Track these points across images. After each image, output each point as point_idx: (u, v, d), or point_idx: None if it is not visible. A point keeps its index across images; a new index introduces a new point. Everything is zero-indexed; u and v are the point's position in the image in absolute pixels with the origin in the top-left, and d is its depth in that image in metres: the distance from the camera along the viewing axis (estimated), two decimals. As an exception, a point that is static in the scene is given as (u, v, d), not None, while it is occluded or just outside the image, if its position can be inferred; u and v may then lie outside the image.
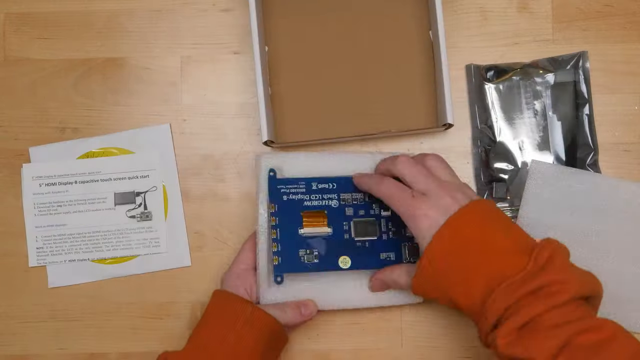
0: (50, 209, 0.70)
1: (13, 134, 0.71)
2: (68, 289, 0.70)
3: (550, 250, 0.52)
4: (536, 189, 0.67)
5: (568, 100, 0.69)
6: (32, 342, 0.69)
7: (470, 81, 0.70)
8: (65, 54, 0.71)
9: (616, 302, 0.67)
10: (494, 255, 0.53)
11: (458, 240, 0.54)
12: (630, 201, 0.67)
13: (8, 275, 0.70)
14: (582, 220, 0.67)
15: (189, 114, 0.71)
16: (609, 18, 0.70)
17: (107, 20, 0.72)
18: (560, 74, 0.69)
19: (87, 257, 0.70)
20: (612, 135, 0.69)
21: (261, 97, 0.64)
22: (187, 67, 0.71)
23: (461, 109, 0.70)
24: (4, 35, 0.72)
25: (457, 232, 0.54)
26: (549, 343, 0.48)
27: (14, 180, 0.71)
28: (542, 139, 0.68)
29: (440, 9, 0.64)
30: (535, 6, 0.70)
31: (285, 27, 0.70)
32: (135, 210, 0.70)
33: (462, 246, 0.54)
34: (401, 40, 0.69)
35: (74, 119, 0.71)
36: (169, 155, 0.70)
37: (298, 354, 0.68)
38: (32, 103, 0.71)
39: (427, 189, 0.56)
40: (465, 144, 0.70)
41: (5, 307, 0.70)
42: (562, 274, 0.51)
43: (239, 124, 0.70)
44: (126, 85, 0.71)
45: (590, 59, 0.69)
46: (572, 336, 0.48)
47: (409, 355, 0.68)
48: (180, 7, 0.71)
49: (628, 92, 0.69)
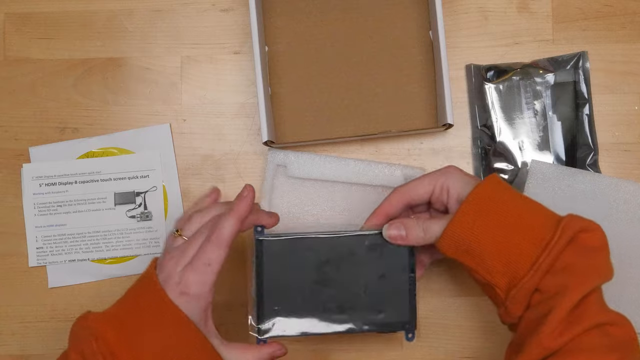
0: (50, 209, 0.70)
1: (13, 134, 0.71)
2: (68, 289, 0.70)
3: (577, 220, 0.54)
4: (536, 188, 0.67)
5: (568, 100, 0.69)
6: (32, 342, 0.69)
7: (470, 81, 0.70)
8: (65, 54, 0.72)
9: (617, 302, 0.67)
10: (533, 217, 0.54)
11: (500, 193, 0.55)
12: (630, 201, 0.67)
13: (8, 275, 0.70)
14: (582, 220, 0.67)
15: (189, 114, 0.71)
16: (609, 18, 0.70)
17: (107, 20, 0.72)
18: (560, 74, 0.69)
19: (87, 257, 0.70)
20: (612, 135, 0.69)
21: (261, 97, 0.64)
22: (187, 67, 0.71)
23: (461, 109, 0.70)
24: (4, 35, 0.72)
25: (498, 186, 0.55)
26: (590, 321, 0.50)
27: (14, 180, 0.71)
28: (542, 139, 0.68)
29: (441, 10, 0.65)
30: (535, 6, 0.70)
31: (285, 27, 0.70)
32: (135, 210, 0.70)
33: (503, 200, 0.55)
34: (401, 40, 0.69)
35: (74, 119, 0.71)
36: (169, 155, 0.70)
37: (298, 354, 0.68)
38: (32, 103, 0.71)
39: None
40: (465, 144, 0.70)
41: (5, 307, 0.70)
42: (590, 222, 0.54)
43: (239, 124, 0.70)
44: (126, 85, 0.71)
45: (590, 59, 0.69)
46: (604, 324, 0.51)
47: (409, 356, 0.68)
48: (180, 7, 0.71)
49: (628, 92, 0.69)
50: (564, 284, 0.51)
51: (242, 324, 0.67)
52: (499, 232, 0.53)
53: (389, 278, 0.59)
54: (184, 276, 0.53)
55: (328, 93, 0.69)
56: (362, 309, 0.59)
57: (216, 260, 0.54)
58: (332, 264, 0.59)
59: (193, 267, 0.54)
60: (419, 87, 0.69)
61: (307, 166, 0.68)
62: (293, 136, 0.69)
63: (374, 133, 0.68)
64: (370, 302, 0.59)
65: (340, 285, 0.59)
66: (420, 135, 0.70)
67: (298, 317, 0.59)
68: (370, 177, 0.68)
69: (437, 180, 0.58)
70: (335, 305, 0.59)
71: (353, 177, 0.68)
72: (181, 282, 0.53)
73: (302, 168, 0.68)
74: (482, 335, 0.67)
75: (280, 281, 0.59)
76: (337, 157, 0.68)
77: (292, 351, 0.68)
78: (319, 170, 0.68)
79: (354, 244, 0.59)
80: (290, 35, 0.70)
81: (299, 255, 0.59)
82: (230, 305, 0.68)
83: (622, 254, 0.67)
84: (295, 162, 0.68)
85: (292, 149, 0.69)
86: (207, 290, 0.54)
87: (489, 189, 0.55)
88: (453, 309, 0.68)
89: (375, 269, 0.59)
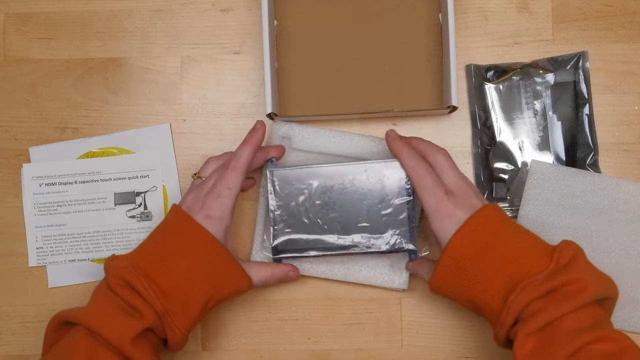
0: (50, 209, 0.70)
1: (13, 134, 0.71)
2: (68, 289, 0.70)
3: (572, 251, 0.54)
4: (536, 188, 0.67)
5: (568, 100, 0.69)
6: (32, 342, 0.69)
7: (470, 81, 0.70)
8: (65, 54, 0.72)
9: (618, 301, 0.67)
10: (516, 255, 0.55)
11: (480, 239, 0.56)
12: (630, 201, 0.67)
13: (8, 275, 0.70)
14: (582, 220, 0.67)
15: (189, 114, 0.71)
16: (608, 18, 0.70)
17: (107, 20, 0.72)
18: (560, 74, 0.69)
19: (87, 257, 0.70)
20: (612, 135, 0.69)
21: (267, 69, 0.65)
22: (187, 67, 0.71)
23: (461, 109, 0.70)
24: (4, 35, 0.72)
25: (481, 230, 0.56)
26: (565, 348, 0.50)
27: (14, 180, 0.71)
28: (542, 139, 0.68)
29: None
30: (535, 6, 0.70)
31: (295, 3, 0.70)
32: (135, 210, 0.70)
33: (484, 244, 0.55)
34: (410, 22, 0.70)
35: (74, 119, 0.71)
36: (169, 155, 0.70)
37: (298, 354, 0.68)
38: (32, 103, 0.71)
39: (456, 188, 0.58)
40: (465, 144, 0.70)
41: (5, 307, 0.70)
42: (583, 274, 0.53)
43: (239, 124, 0.70)
44: (126, 85, 0.71)
45: (590, 59, 0.69)
46: (588, 344, 0.50)
47: (409, 356, 0.68)
48: (180, 7, 0.71)
49: (628, 92, 0.69)
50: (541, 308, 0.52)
51: (239, 324, 0.67)
52: (474, 287, 0.56)
53: (389, 203, 0.64)
54: (207, 202, 0.60)
55: (335, 70, 0.70)
56: (365, 231, 0.64)
57: (235, 183, 0.60)
58: (335, 190, 0.64)
59: (214, 193, 0.60)
60: (425, 69, 0.69)
61: (311, 139, 0.68)
62: (297, 110, 0.69)
63: (377, 111, 0.68)
64: (372, 225, 0.64)
65: (344, 209, 0.64)
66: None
67: (307, 237, 0.64)
68: (373, 153, 0.68)
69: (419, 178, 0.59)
70: (340, 227, 0.64)
71: (356, 152, 0.68)
72: (204, 207, 0.59)
73: (306, 141, 0.68)
74: (482, 335, 0.67)
75: (291, 206, 0.65)
76: (342, 131, 0.69)
77: (292, 351, 0.68)
78: (323, 144, 0.68)
79: (355, 171, 0.64)
80: (300, 10, 0.70)
81: (306, 183, 0.65)
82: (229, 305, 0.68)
83: (622, 254, 0.67)
84: (299, 135, 0.68)
85: (304, 122, 0.69)
86: (228, 212, 0.60)
87: (467, 242, 0.56)
88: (453, 309, 0.68)
89: (377, 195, 0.64)
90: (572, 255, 0.54)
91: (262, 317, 0.69)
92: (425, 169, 0.59)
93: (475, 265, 0.55)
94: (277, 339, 0.68)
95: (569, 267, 0.53)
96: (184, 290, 0.57)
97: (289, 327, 0.68)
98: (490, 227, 0.56)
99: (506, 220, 0.58)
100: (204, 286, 0.58)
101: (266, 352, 0.68)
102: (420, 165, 0.60)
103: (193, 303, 0.58)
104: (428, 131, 0.69)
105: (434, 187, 0.58)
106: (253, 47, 0.71)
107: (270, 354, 0.68)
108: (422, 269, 0.63)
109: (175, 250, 0.59)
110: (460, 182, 0.59)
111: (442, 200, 0.57)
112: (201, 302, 0.58)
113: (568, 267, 0.53)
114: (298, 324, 0.68)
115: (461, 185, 0.59)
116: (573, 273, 0.53)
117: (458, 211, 0.57)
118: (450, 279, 0.57)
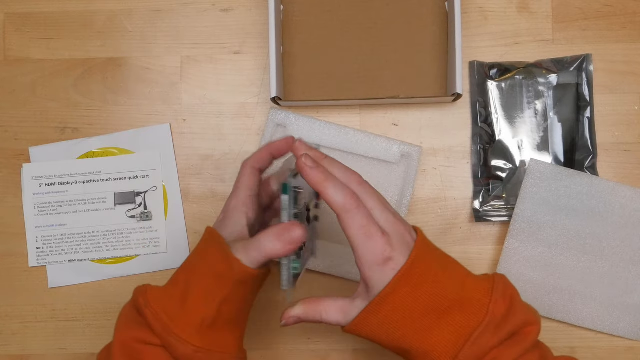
0: (50, 209, 0.70)
1: (13, 134, 0.71)
2: (68, 289, 0.70)
3: (509, 288, 0.52)
4: (533, 187, 0.67)
5: (570, 102, 0.69)
6: (32, 342, 0.70)
7: (473, 78, 0.69)
8: (65, 54, 0.72)
9: (607, 306, 0.67)
10: (456, 301, 0.51)
11: (418, 287, 0.51)
12: (626, 206, 0.67)
13: (8, 275, 0.70)
14: (577, 222, 0.67)
15: (189, 114, 0.71)
16: (609, 18, 0.70)
17: (107, 20, 0.72)
18: (563, 75, 0.69)
19: (87, 257, 0.70)
20: (612, 136, 0.69)
21: (272, 54, 0.65)
22: (187, 67, 0.71)
23: (462, 108, 0.70)
24: (4, 35, 0.72)
25: (420, 273, 0.51)
26: None
27: (14, 180, 0.71)
28: (542, 139, 0.68)
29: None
30: (535, 6, 0.70)
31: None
32: (135, 210, 0.70)
33: (421, 294, 0.51)
34: (417, 10, 0.70)
35: (74, 119, 0.71)
36: (169, 155, 0.70)
37: (298, 354, 0.68)
38: (32, 103, 0.71)
39: (390, 226, 0.52)
40: (465, 144, 0.70)
41: (6, 307, 0.70)
42: (526, 315, 0.52)
43: (239, 124, 0.71)
44: (126, 85, 0.71)
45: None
46: None
47: (408, 355, 0.68)
48: (180, 7, 0.71)
49: (628, 92, 0.69)
50: None
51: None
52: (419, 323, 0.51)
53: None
54: (225, 206, 0.58)
55: (340, 56, 0.70)
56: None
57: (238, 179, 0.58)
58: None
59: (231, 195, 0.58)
60: (431, 57, 0.69)
61: (306, 129, 0.68)
62: (301, 95, 0.69)
63: (382, 97, 0.68)
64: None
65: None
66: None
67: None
68: (367, 148, 0.68)
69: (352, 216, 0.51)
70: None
71: (350, 147, 0.68)
72: (223, 211, 0.58)
73: (301, 130, 0.68)
74: (482, 335, 0.67)
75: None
76: (338, 125, 0.69)
77: (292, 351, 0.68)
78: (318, 136, 0.68)
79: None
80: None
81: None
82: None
83: (615, 258, 0.67)
84: (295, 124, 0.68)
85: (298, 108, 0.69)
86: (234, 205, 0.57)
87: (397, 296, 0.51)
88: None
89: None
90: (510, 293, 0.52)
91: (262, 317, 0.69)
92: (357, 206, 0.51)
93: (413, 315, 0.51)
94: (277, 339, 0.68)
95: (512, 308, 0.51)
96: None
97: (289, 327, 0.68)
98: (426, 265, 0.52)
99: (435, 255, 0.54)
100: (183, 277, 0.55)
101: (266, 352, 0.68)
102: (350, 201, 0.51)
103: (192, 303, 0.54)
104: (428, 131, 0.69)
105: (369, 226, 0.51)
106: (253, 47, 0.71)
107: (270, 354, 0.68)
108: (326, 311, 0.54)
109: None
110: (392, 219, 0.52)
111: (378, 242, 0.51)
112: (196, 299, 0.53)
113: (511, 309, 0.51)
114: (298, 324, 0.68)
115: (393, 221, 0.52)
116: (519, 315, 0.51)
117: (396, 254, 0.51)
118: (381, 327, 0.52)
